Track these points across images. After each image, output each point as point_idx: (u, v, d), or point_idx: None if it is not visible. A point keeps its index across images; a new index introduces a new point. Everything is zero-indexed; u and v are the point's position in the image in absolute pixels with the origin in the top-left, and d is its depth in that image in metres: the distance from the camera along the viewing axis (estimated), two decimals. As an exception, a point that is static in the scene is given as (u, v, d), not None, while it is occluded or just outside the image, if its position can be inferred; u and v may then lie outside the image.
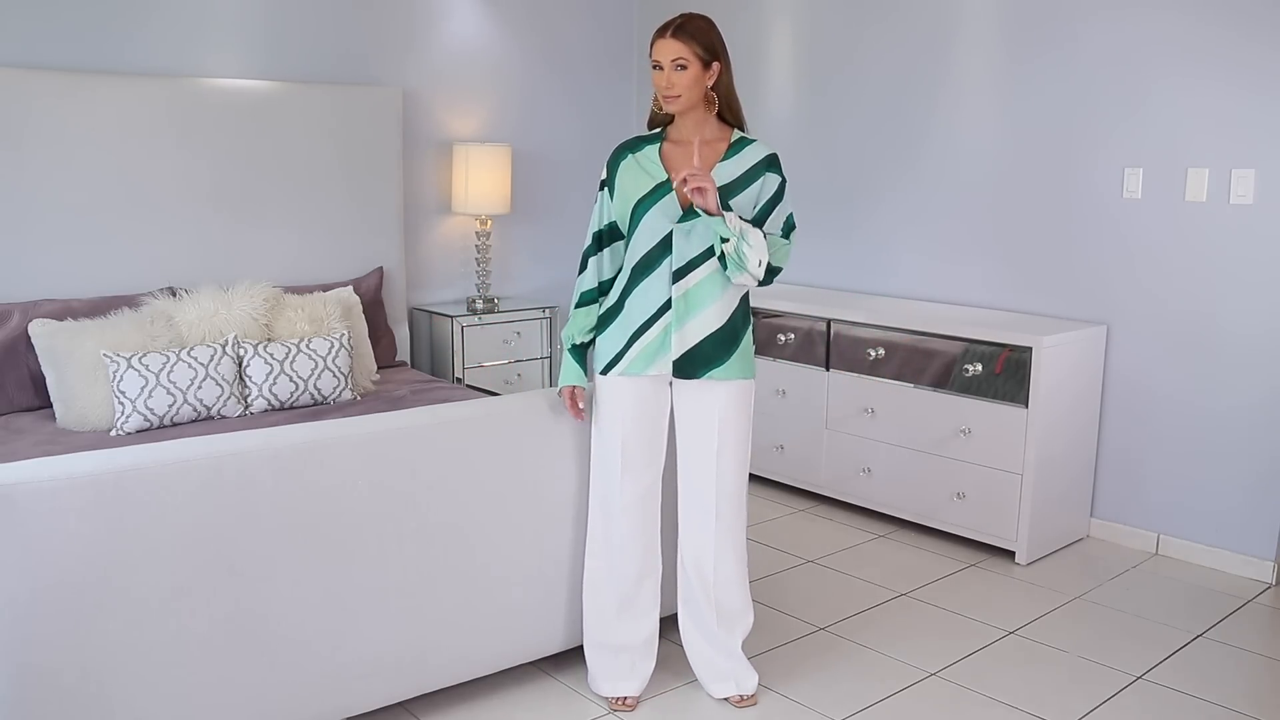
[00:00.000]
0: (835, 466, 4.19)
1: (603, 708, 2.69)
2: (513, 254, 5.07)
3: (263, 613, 2.28)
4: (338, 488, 2.35)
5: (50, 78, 3.59)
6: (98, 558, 2.07)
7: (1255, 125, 3.41)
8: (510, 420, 2.62)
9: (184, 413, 3.31)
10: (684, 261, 2.52)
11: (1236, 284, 3.51)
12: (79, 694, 2.08)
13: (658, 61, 2.49)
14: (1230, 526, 3.60)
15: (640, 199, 2.53)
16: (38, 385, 3.45)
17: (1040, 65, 3.90)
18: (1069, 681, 2.86)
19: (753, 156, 2.56)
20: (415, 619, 2.50)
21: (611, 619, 2.68)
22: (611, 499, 2.62)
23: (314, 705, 2.38)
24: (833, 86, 4.60)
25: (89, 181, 3.68)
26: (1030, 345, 3.56)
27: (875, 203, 4.51)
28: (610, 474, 2.62)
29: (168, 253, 3.87)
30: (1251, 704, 2.76)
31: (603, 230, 2.64)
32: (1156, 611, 3.31)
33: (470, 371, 4.61)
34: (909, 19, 4.29)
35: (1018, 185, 4.03)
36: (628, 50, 5.30)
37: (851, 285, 4.64)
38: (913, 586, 3.48)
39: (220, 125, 3.95)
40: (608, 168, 2.64)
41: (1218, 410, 3.59)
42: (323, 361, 3.55)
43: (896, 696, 2.77)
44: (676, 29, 2.47)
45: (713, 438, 2.59)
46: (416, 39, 4.61)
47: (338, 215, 4.29)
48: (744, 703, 2.70)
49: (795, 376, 4.28)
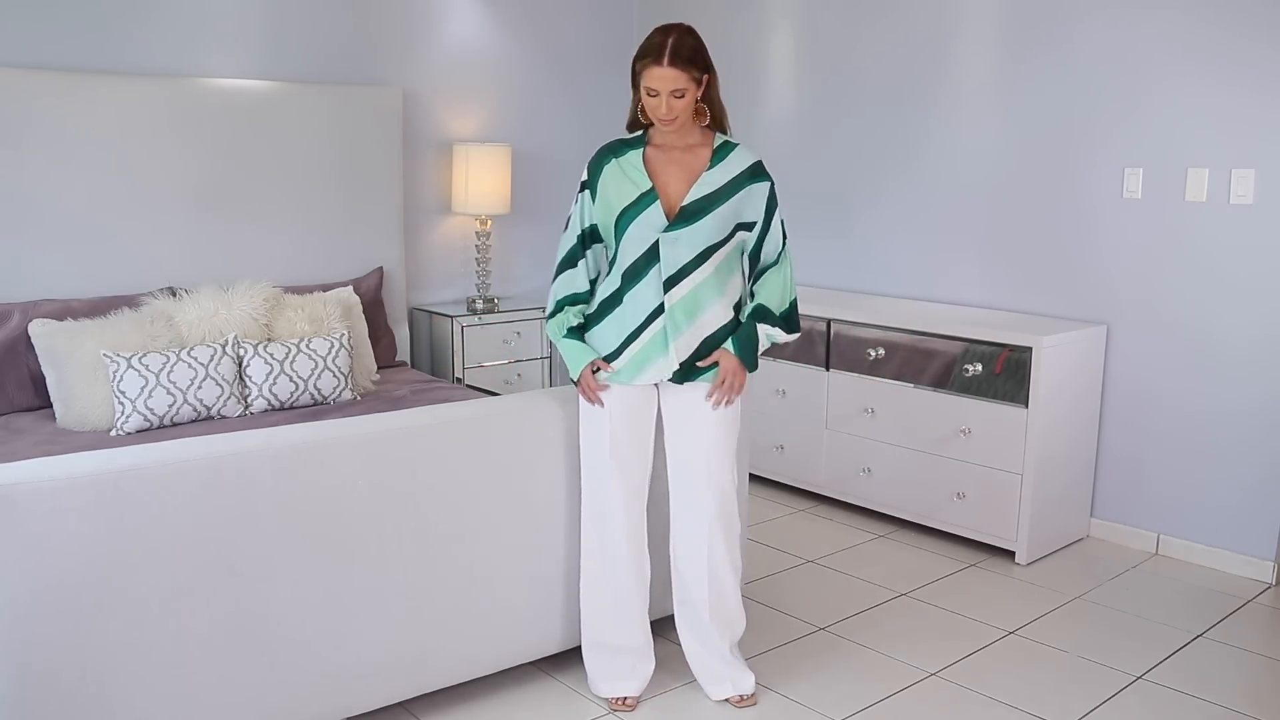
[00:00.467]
0: (835, 466, 4.19)
1: (603, 708, 2.69)
2: (513, 254, 5.07)
3: (263, 613, 2.28)
4: (338, 488, 2.35)
5: (50, 78, 3.59)
6: (98, 558, 2.07)
7: (1255, 125, 3.41)
8: (510, 420, 2.62)
9: (184, 413, 3.31)
10: (676, 268, 2.52)
11: (1236, 284, 3.51)
12: (79, 694, 2.08)
13: (655, 90, 2.43)
14: (1230, 526, 3.60)
15: (624, 209, 2.51)
16: (38, 385, 3.45)
17: (1040, 65, 3.90)
18: (1069, 681, 2.86)
19: (737, 164, 2.55)
20: (415, 619, 2.50)
21: (609, 620, 2.68)
22: (602, 501, 2.62)
23: (314, 705, 2.38)
24: (832, 87, 4.60)
25: (89, 181, 3.68)
26: (1030, 345, 3.56)
27: (875, 203, 4.51)
28: (600, 477, 2.62)
29: (168, 253, 3.87)
30: (1251, 704, 2.76)
31: (585, 231, 2.62)
32: (1156, 611, 3.31)
33: (470, 371, 4.61)
34: (908, 19, 4.29)
35: (1018, 185, 4.03)
36: (628, 50, 5.29)
37: (851, 285, 4.64)
38: (913, 586, 3.48)
39: (220, 125, 3.94)
40: (589, 170, 2.60)
41: (1218, 410, 3.59)
42: (323, 361, 3.55)
43: (896, 696, 2.77)
44: (673, 57, 2.39)
45: (704, 434, 2.58)
46: (416, 39, 4.61)
47: (338, 215, 4.29)
48: (744, 703, 2.70)
49: (795, 376, 4.28)
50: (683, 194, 2.52)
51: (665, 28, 2.46)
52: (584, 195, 2.61)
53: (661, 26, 2.47)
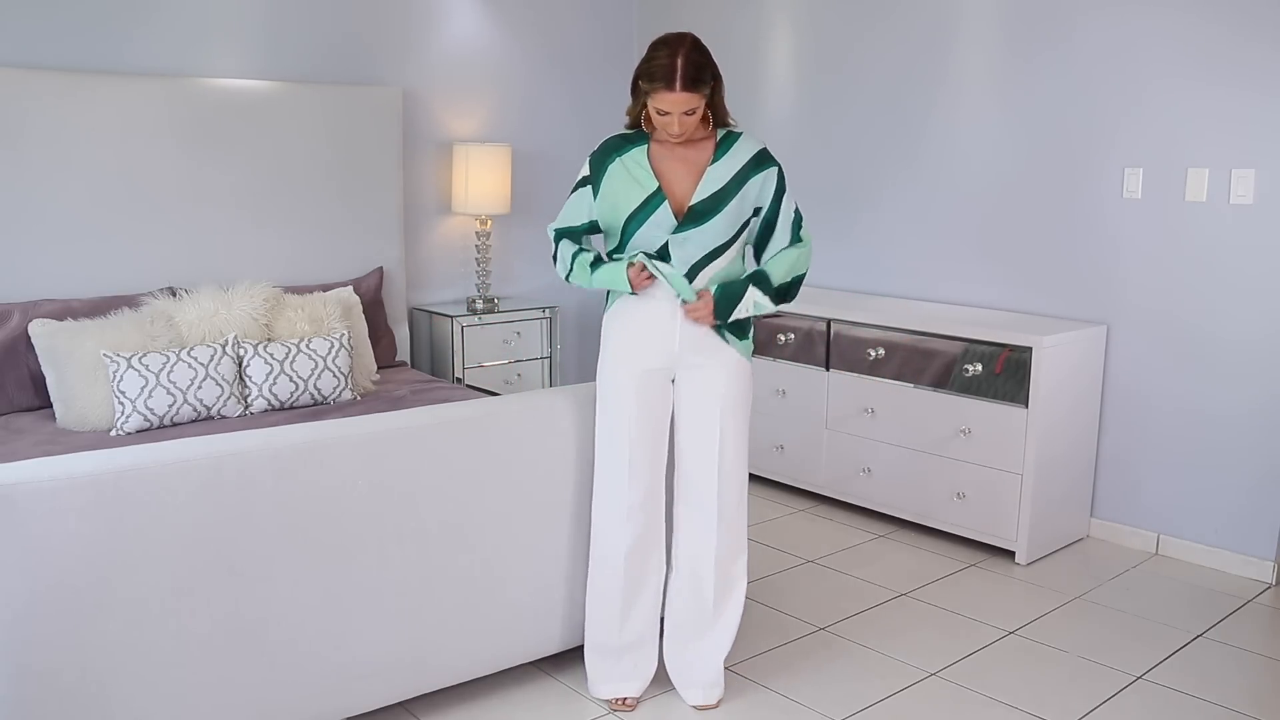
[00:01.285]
0: (835, 466, 4.19)
1: (603, 708, 2.69)
2: (513, 254, 5.07)
3: (263, 613, 2.27)
4: (338, 488, 2.34)
5: (50, 78, 3.59)
6: (98, 558, 2.07)
7: (1255, 125, 3.41)
8: (510, 420, 2.62)
9: (184, 413, 3.31)
10: (686, 267, 2.51)
11: (1236, 284, 3.51)
12: (79, 694, 2.08)
13: (666, 111, 2.39)
14: (1230, 526, 3.60)
15: (632, 213, 2.49)
16: (38, 385, 3.45)
17: (1040, 65, 3.90)
18: (1069, 681, 2.86)
19: (742, 154, 2.52)
20: (415, 619, 2.50)
21: (614, 619, 2.67)
22: (616, 499, 2.61)
23: (314, 705, 2.38)
24: (832, 86, 4.60)
25: (89, 181, 3.68)
26: (1030, 345, 3.56)
27: (875, 203, 4.51)
28: (614, 476, 2.60)
29: (168, 253, 3.87)
30: (1251, 704, 2.76)
31: (581, 227, 2.60)
32: (1156, 611, 3.31)
33: (470, 371, 4.61)
34: (909, 19, 4.29)
35: (1018, 185, 4.03)
36: (628, 50, 5.30)
37: (851, 285, 4.64)
38: (913, 586, 3.48)
39: (220, 125, 3.95)
40: (591, 166, 2.57)
41: (1218, 410, 3.59)
42: (323, 361, 3.55)
43: (896, 696, 2.77)
44: (684, 80, 2.35)
45: (714, 424, 2.56)
46: (416, 39, 4.61)
47: (338, 215, 4.29)
48: (708, 708, 2.69)
49: (795, 376, 4.28)
50: (690, 192, 2.50)
51: (671, 45, 2.38)
52: (584, 191, 2.58)
53: (666, 41, 2.40)
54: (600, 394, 2.63)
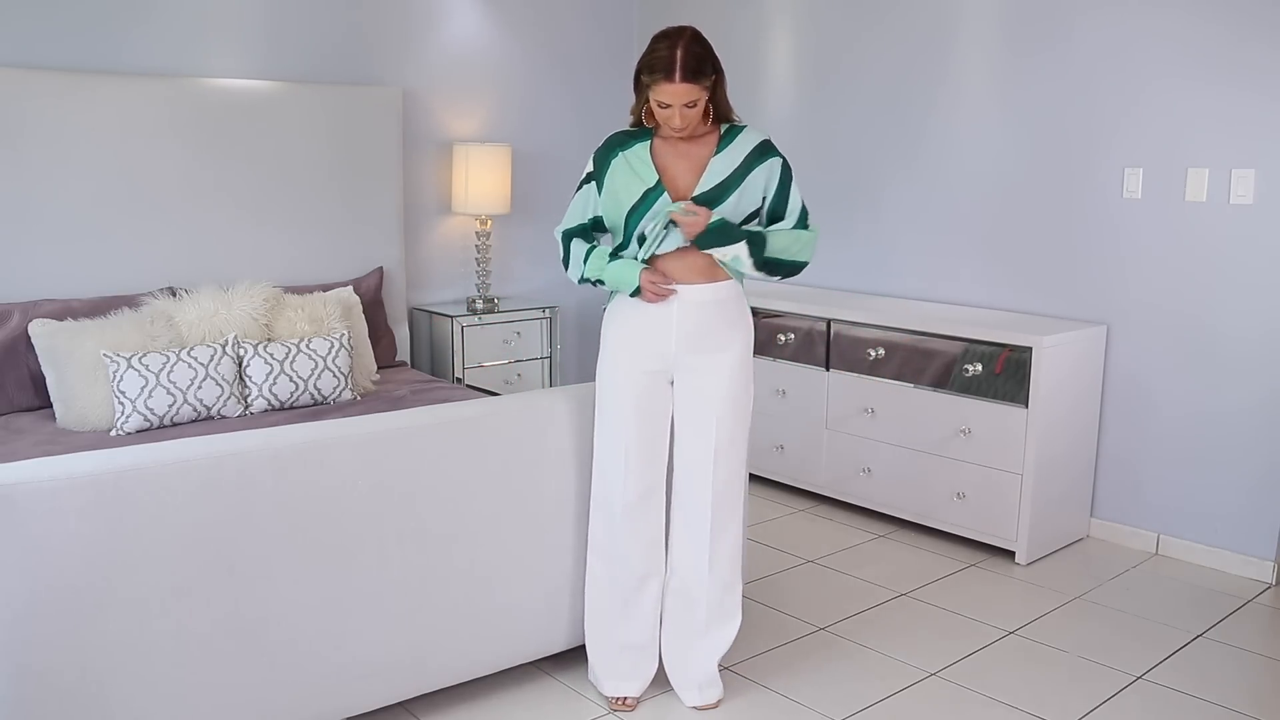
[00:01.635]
0: (835, 466, 4.19)
1: (603, 708, 2.69)
2: (513, 254, 5.07)
3: (262, 613, 2.27)
4: (338, 488, 2.34)
5: (50, 78, 3.59)
6: (98, 558, 2.07)
7: (1255, 125, 3.41)
8: (510, 420, 2.62)
9: (184, 413, 3.31)
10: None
11: (1236, 284, 3.51)
12: (79, 694, 2.08)
13: (666, 103, 2.39)
14: (1230, 526, 3.60)
15: (633, 207, 2.49)
16: (38, 385, 3.45)
17: (1040, 65, 3.90)
18: (1069, 681, 2.86)
19: (744, 146, 2.51)
20: (415, 619, 2.49)
21: (614, 619, 2.68)
22: (614, 499, 2.61)
23: (314, 705, 2.38)
24: (832, 86, 4.60)
25: (89, 181, 3.68)
26: (1030, 345, 3.56)
27: (875, 203, 4.51)
28: (613, 473, 2.60)
29: (168, 253, 3.87)
30: (1251, 704, 2.76)
31: (587, 224, 2.61)
32: (1156, 611, 3.31)
33: (470, 371, 4.61)
34: (908, 18, 4.29)
35: (1018, 185, 4.03)
36: (628, 50, 5.30)
37: (851, 285, 4.64)
38: (913, 586, 3.48)
39: (220, 125, 3.94)
40: (595, 162, 2.58)
41: (1218, 410, 3.59)
42: (323, 361, 3.55)
43: (896, 696, 2.77)
44: (684, 72, 2.35)
45: (709, 434, 2.55)
46: (416, 39, 4.61)
47: (338, 215, 4.29)
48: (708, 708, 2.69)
49: (795, 376, 4.28)
50: (691, 185, 2.50)
51: (671, 37, 2.39)
52: (589, 188, 2.59)
53: (666, 34, 2.41)
54: (599, 394, 2.63)
